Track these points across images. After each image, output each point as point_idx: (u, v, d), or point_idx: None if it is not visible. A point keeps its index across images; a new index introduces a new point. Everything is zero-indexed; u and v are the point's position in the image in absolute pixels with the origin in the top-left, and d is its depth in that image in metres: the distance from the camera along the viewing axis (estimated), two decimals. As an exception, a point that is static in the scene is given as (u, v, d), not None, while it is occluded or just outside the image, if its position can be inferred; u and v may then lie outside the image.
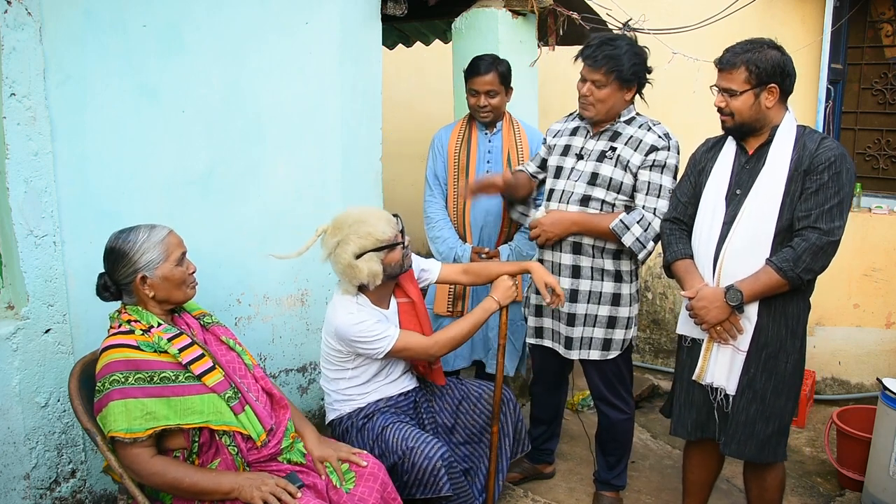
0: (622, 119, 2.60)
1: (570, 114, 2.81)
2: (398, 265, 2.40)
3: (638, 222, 2.48)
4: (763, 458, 2.31)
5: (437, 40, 4.45)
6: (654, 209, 2.51)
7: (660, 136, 2.52)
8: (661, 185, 2.51)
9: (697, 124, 3.03)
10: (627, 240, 2.49)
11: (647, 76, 2.55)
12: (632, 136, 2.55)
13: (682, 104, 4.16)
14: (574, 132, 2.71)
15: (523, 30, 3.60)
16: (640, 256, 2.53)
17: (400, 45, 4.72)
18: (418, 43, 4.57)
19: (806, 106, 3.93)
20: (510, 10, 3.49)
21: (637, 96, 2.60)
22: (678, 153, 2.56)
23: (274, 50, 2.67)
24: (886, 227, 3.78)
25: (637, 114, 2.62)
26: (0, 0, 1.93)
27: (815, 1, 3.89)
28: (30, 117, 2.04)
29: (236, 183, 2.62)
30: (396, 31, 4.40)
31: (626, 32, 3.64)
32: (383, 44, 3.27)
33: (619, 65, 2.45)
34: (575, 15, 3.54)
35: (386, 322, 2.41)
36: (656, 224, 2.49)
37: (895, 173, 3.94)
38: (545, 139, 2.84)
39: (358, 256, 2.30)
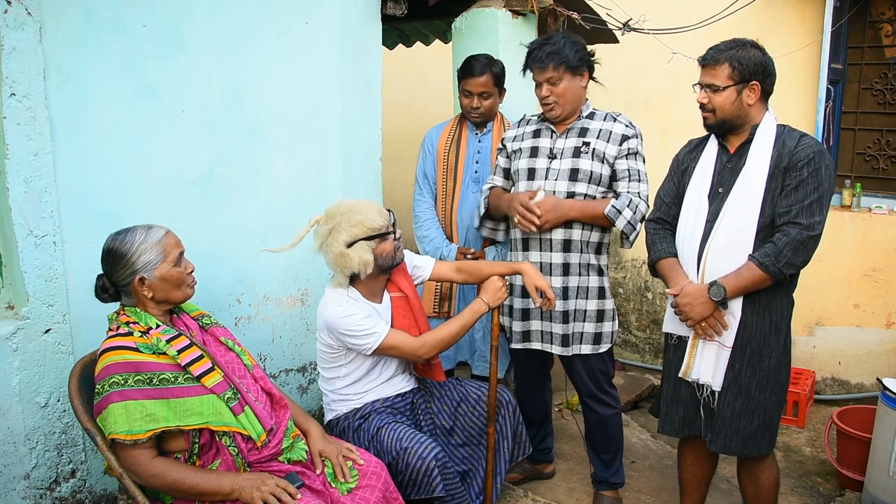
0: (584, 115, 2.69)
1: (521, 119, 2.87)
2: (389, 257, 2.40)
3: (627, 206, 2.57)
4: (749, 452, 2.33)
5: (437, 40, 4.44)
6: (638, 193, 2.61)
7: (627, 125, 2.65)
8: (639, 171, 2.64)
9: (697, 124, 3.02)
10: (620, 223, 2.56)
11: (594, 59, 2.67)
12: (601, 129, 2.65)
13: (681, 104, 4.16)
14: (536, 134, 2.75)
15: (523, 30, 3.60)
16: (632, 238, 2.61)
17: (400, 45, 4.72)
18: (418, 43, 4.57)
19: (806, 106, 3.93)
20: (510, 10, 3.50)
21: (593, 82, 2.72)
22: (642, 139, 2.69)
23: (274, 50, 2.67)
24: (886, 227, 3.78)
25: (594, 109, 2.73)
26: (0, 0, 1.93)
27: (815, 1, 3.89)
28: (30, 117, 2.04)
29: (236, 183, 2.62)
30: (396, 31, 4.40)
31: (625, 32, 3.65)
32: (383, 44, 3.27)
33: (564, 56, 2.56)
34: (575, 15, 3.54)
35: (376, 317, 2.42)
36: (642, 207, 2.60)
37: (895, 173, 3.94)
38: (501, 149, 2.86)
39: (349, 245, 2.31)
